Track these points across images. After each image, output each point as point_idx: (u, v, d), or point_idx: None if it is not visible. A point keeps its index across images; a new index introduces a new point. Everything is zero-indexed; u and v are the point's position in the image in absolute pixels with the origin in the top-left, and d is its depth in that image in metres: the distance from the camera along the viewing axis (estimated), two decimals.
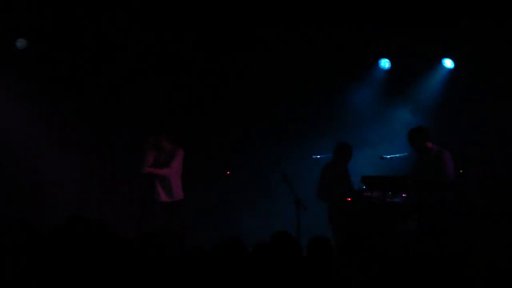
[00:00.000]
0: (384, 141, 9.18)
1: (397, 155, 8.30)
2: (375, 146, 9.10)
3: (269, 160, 8.99)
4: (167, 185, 8.17)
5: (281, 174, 7.82)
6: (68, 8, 8.97)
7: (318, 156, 8.73)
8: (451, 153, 7.90)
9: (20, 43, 9.29)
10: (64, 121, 9.31)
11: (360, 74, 9.81)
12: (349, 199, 8.10)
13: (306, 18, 9.10)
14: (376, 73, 9.85)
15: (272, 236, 4.60)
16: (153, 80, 9.60)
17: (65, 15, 9.03)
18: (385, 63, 9.80)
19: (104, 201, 8.99)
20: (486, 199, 8.15)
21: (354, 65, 9.71)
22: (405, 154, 8.21)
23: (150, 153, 8.14)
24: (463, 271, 4.26)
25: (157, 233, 4.22)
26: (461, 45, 9.12)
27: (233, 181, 9.71)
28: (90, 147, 9.34)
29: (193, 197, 8.64)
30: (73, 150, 9.24)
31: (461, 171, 8.32)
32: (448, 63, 9.56)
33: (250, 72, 9.76)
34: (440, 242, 6.97)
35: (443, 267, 4.30)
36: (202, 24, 9.29)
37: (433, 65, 9.64)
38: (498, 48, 8.87)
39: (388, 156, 8.35)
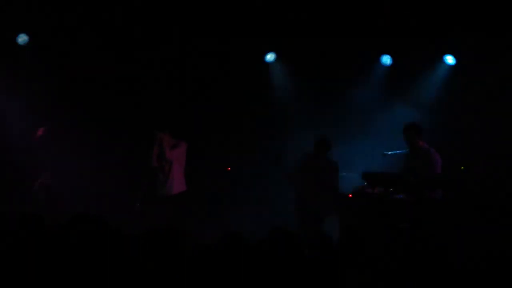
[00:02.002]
0: (385, 137, 9.18)
1: (398, 151, 8.29)
2: (376, 142, 9.11)
3: (271, 156, 9.01)
4: (170, 178, 8.18)
5: (274, 155, 8.00)
6: (69, 4, 8.99)
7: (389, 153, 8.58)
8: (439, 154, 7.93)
9: (21, 39, 9.30)
10: (65, 117, 9.30)
11: (362, 70, 9.82)
12: (350, 195, 8.12)
13: (308, 16, 9.12)
14: (378, 69, 9.86)
15: (270, 232, 4.60)
16: (156, 77, 9.62)
17: (67, 11, 9.03)
18: (386, 59, 9.81)
19: (106, 198, 9.00)
20: (486, 197, 8.16)
21: (356, 61, 9.72)
22: (407, 150, 8.20)
23: (155, 149, 8.16)
24: (462, 269, 4.27)
25: (160, 229, 4.22)
26: (463, 41, 9.12)
27: (233, 177, 9.75)
28: (92, 144, 9.34)
29: (194, 192, 8.65)
30: (75, 147, 9.23)
31: (462, 167, 8.33)
32: (449, 59, 9.57)
33: (252, 69, 9.80)
34: (435, 239, 6.98)
35: (442, 264, 4.31)
36: (203, 18, 9.30)
37: (435, 61, 9.65)
38: (499, 44, 8.89)
39: (390, 153, 8.35)
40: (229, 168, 10.09)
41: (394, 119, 9.38)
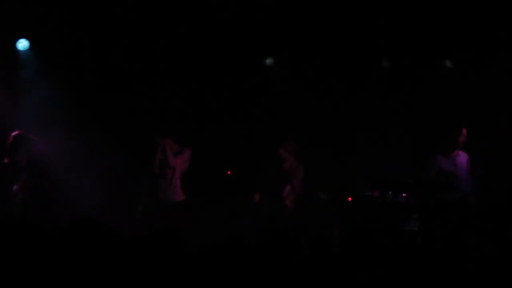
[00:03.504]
0: (386, 140, 9.21)
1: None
2: (376, 145, 9.13)
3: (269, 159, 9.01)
4: (172, 185, 8.17)
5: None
6: (70, 8, 9.00)
7: None
8: None
9: (22, 44, 9.30)
10: (65, 121, 9.30)
11: (362, 73, 9.82)
12: (350, 198, 8.14)
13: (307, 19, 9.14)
14: (378, 72, 9.87)
15: (271, 236, 4.61)
16: (158, 81, 9.63)
17: (68, 16, 9.05)
18: (386, 63, 9.82)
19: (107, 202, 8.99)
20: (485, 199, 8.17)
21: (356, 64, 9.72)
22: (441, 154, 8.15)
23: (157, 155, 8.14)
24: (463, 271, 4.27)
25: (159, 233, 4.22)
26: (461, 44, 9.14)
27: (233, 181, 9.74)
28: (92, 147, 9.34)
29: (195, 197, 8.64)
30: (75, 151, 9.24)
31: None
32: (448, 63, 9.59)
33: (252, 74, 9.83)
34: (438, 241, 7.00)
35: (445, 266, 4.32)
36: (204, 21, 9.32)
37: (433, 65, 9.65)
38: (498, 45, 8.91)
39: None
40: (229, 172, 10.08)
41: (394, 122, 9.41)
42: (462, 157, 7.95)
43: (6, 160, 8.23)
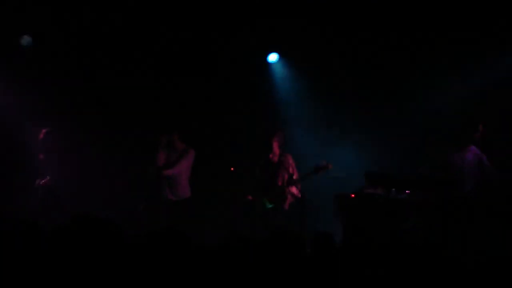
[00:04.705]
0: (388, 139, 9.20)
1: None
2: (378, 144, 9.13)
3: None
4: (174, 184, 8.19)
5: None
6: (73, 5, 9.02)
7: None
8: None
9: (25, 40, 9.32)
10: (69, 118, 9.33)
11: (363, 70, 9.82)
12: (353, 195, 8.14)
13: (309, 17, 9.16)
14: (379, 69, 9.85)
15: (273, 233, 4.61)
16: (162, 79, 9.65)
17: (70, 12, 9.07)
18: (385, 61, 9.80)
19: (109, 200, 9.02)
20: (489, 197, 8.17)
21: (357, 62, 9.72)
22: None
23: (161, 152, 8.15)
24: (465, 270, 4.28)
25: (162, 232, 4.24)
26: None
27: (237, 178, 9.76)
28: (97, 145, 9.37)
29: (198, 196, 8.66)
30: (79, 148, 9.26)
31: None
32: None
33: (254, 70, 9.84)
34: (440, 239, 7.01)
35: (445, 265, 4.32)
36: (205, 18, 9.34)
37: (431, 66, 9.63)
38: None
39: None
40: (232, 168, 10.09)
41: (396, 121, 9.40)
42: (471, 153, 7.86)
43: (41, 156, 8.30)
